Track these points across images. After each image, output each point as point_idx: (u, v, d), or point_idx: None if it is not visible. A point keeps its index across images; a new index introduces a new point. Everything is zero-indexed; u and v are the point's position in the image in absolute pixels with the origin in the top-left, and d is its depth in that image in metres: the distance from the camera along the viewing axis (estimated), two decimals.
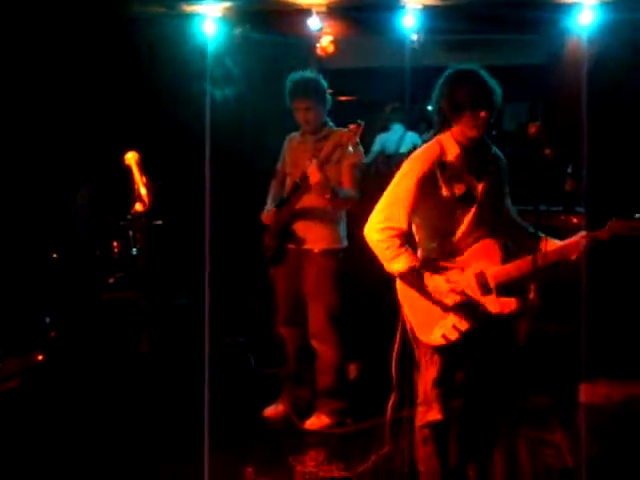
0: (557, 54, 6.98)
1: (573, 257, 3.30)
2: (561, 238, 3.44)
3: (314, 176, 4.27)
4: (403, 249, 3.28)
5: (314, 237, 4.52)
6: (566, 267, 3.39)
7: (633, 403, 4.69)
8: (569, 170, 5.94)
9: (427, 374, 3.41)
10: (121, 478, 3.98)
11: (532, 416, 4.55)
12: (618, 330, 5.27)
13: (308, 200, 4.46)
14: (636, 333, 5.23)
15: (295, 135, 4.72)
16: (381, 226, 3.29)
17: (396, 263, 3.28)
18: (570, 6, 6.08)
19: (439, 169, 3.31)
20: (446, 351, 3.33)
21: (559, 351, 4.96)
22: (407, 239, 3.33)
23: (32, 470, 3.93)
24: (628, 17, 5.87)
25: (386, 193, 3.35)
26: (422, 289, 3.30)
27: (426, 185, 3.29)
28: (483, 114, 3.27)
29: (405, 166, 3.36)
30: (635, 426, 4.45)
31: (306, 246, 4.53)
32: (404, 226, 3.30)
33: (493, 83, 3.31)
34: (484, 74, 3.32)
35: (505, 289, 3.31)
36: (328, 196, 4.29)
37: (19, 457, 4.00)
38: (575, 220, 5.41)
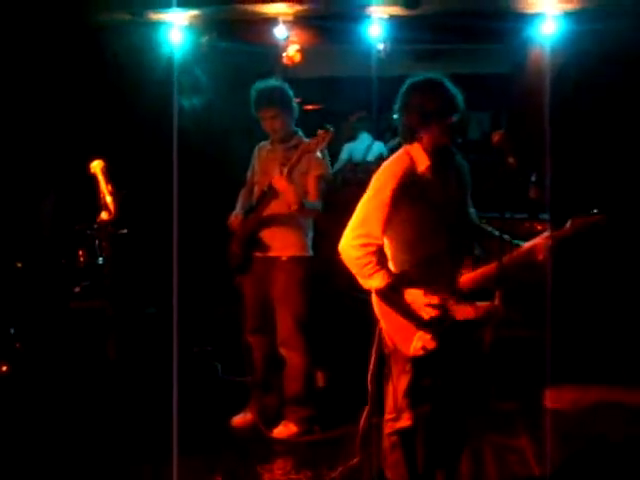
0: (520, 63, 7.06)
1: (539, 258, 3.32)
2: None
3: (280, 185, 4.28)
4: (380, 265, 3.27)
5: (281, 244, 4.52)
6: (531, 271, 3.43)
7: (599, 408, 4.74)
8: (533, 178, 6.02)
9: (399, 383, 3.41)
10: None
11: (498, 421, 4.61)
12: (584, 335, 5.33)
13: (275, 208, 4.47)
14: (601, 337, 5.30)
15: (265, 144, 4.73)
16: (358, 242, 3.27)
17: (374, 280, 3.27)
18: (533, 16, 6.16)
19: (411, 181, 3.30)
20: (421, 361, 3.35)
21: (525, 356, 5.01)
22: (382, 254, 3.34)
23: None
24: (590, 27, 5.96)
25: (359, 208, 3.32)
26: (398, 303, 3.31)
27: (400, 198, 3.27)
28: (451, 120, 3.31)
29: (376, 181, 3.34)
30: (600, 431, 4.50)
31: (274, 254, 4.54)
32: (380, 241, 3.30)
33: (455, 89, 3.34)
34: (445, 81, 3.34)
35: (469, 295, 3.33)
36: (295, 207, 4.30)
37: None
38: (539, 227, 5.47)
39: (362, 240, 3.27)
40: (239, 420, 4.76)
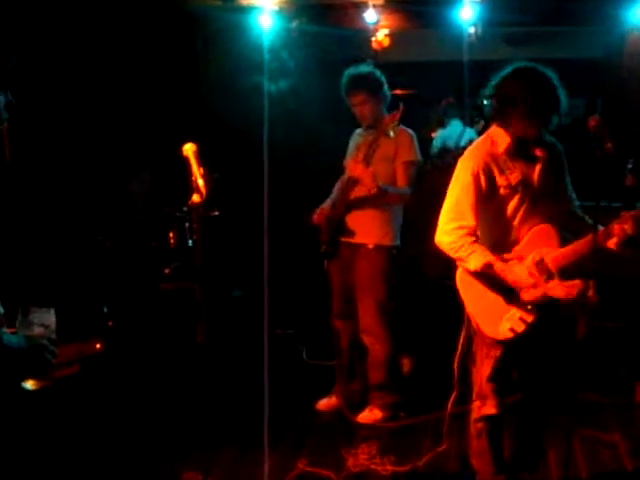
0: (617, 47, 6.84)
1: (631, 232, 3.20)
2: None
3: (354, 170, 4.30)
4: (476, 245, 3.26)
5: (367, 231, 4.50)
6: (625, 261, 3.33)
7: None
8: (629, 165, 5.83)
9: (482, 368, 3.40)
10: (176, 462, 4.03)
11: (589, 415, 4.50)
12: None
13: (360, 193, 4.45)
14: None
15: (359, 130, 4.71)
16: (450, 227, 3.29)
17: (472, 260, 3.26)
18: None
19: (492, 162, 3.29)
20: (507, 345, 3.31)
21: (617, 349, 4.88)
22: (476, 235, 3.31)
23: (89, 454, 4.00)
24: None
25: (448, 195, 3.35)
26: (498, 284, 3.27)
27: (482, 179, 3.28)
28: (549, 115, 3.25)
29: (459, 165, 3.36)
30: None
31: (359, 240, 4.52)
32: (472, 223, 3.29)
33: (558, 82, 3.28)
34: (549, 72, 3.27)
35: (567, 274, 3.27)
36: (374, 191, 4.28)
37: (75, 442, 4.07)
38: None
39: (454, 224, 3.28)
40: (324, 404, 4.79)
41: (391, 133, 4.28)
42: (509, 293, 3.28)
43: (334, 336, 4.73)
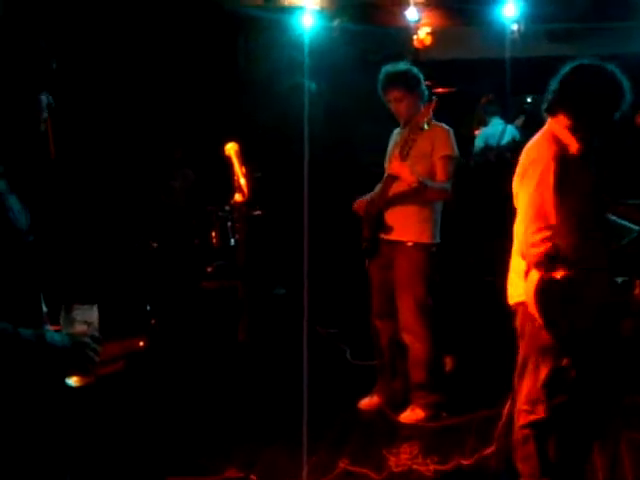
0: None
1: None
2: None
3: (393, 168, 4.32)
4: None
5: (406, 229, 4.49)
6: None
7: None
8: None
9: (538, 373, 3.32)
10: (218, 459, 4.04)
11: (637, 418, 4.43)
12: None
13: (399, 189, 4.45)
14: None
15: (397, 130, 4.71)
16: (538, 238, 3.12)
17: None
18: None
19: (567, 163, 3.17)
20: (571, 348, 3.26)
21: None
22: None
23: (133, 451, 4.04)
24: None
25: (527, 204, 3.19)
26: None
27: (562, 181, 3.13)
28: (612, 117, 3.20)
29: (534, 168, 3.20)
30: None
31: (398, 237, 4.51)
32: (556, 230, 3.17)
33: (624, 80, 3.18)
34: (616, 71, 3.18)
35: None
36: (414, 185, 4.26)
37: (118, 438, 4.11)
38: None
39: (542, 234, 3.12)
40: (366, 403, 4.77)
41: (425, 126, 4.27)
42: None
43: (374, 335, 4.72)
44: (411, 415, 4.56)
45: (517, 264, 3.34)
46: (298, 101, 5.06)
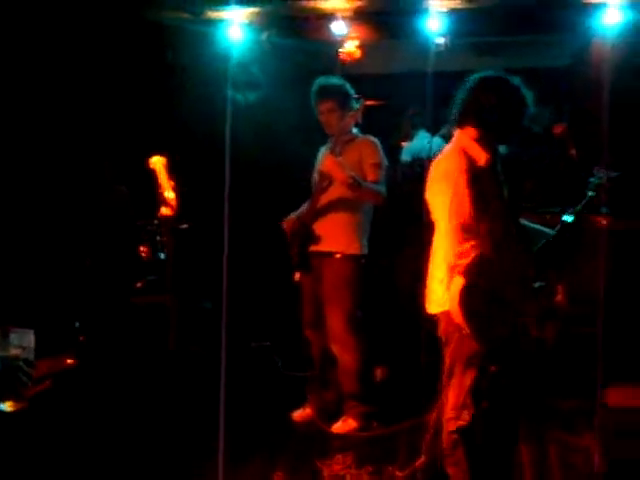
0: (582, 55, 6.92)
1: None
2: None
3: (328, 164, 4.36)
4: None
5: (335, 240, 4.53)
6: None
7: None
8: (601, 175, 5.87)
9: (464, 380, 3.38)
10: (149, 478, 4.01)
11: (561, 419, 4.54)
12: None
13: (331, 196, 4.51)
14: None
15: (326, 145, 4.74)
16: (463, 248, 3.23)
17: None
18: (595, 6, 6.01)
19: (475, 175, 3.26)
20: (491, 353, 3.33)
21: (588, 354, 4.92)
22: None
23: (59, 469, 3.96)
24: None
25: (446, 218, 3.26)
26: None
27: (472, 192, 3.22)
28: (517, 121, 3.29)
29: (446, 182, 3.28)
30: None
31: (327, 248, 4.55)
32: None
33: (525, 90, 3.33)
34: (516, 80, 3.33)
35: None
36: (349, 181, 4.30)
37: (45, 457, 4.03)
38: (604, 222, 5.35)
39: (468, 244, 3.21)
40: (299, 415, 4.79)
41: (354, 130, 4.33)
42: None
43: (306, 346, 4.74)
44: (343, 426, 4.59)
45: (437, 271, 3.40)
46: (226, 115, 5.05)
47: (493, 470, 3.59)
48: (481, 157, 3.32)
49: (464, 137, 3.38)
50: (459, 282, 3.21)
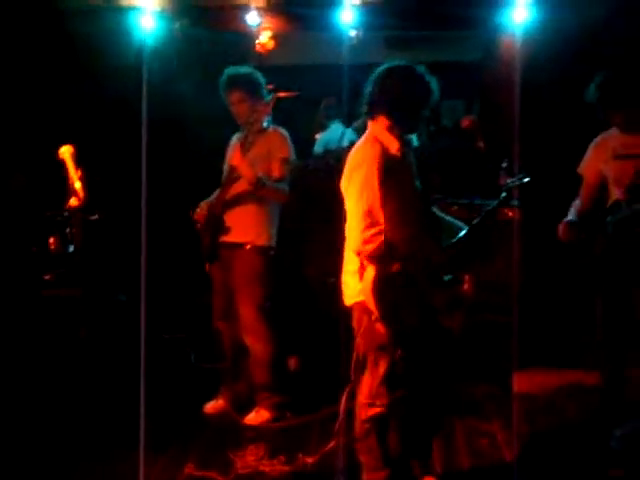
0: (492, 51, 7.08)
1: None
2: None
3: (233, 160, 4.36)
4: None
5: (244, 231, 4.53)
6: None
7: (564, 391, 4.85)
8: (504, 165, 6.03)
9: (377, 369, 3.43)
10: (59, 474, 3.94)
11: (469, 406, 4.66)
12: (552, 319, 5.40)
13: (239, 189, 4.49)
14: (568, 322, 5.36)
15: (237, 133, 4.73)
16: (369, 234, 3.28)
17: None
18: (504, 3, 6.16)
19: (388, 163, 3.32)
20: (402, 342, 3.38)
21: (495, 341, 5.07)
22: None
23: None
24: (561, 16, 5.98)
25: (357, 204, 3.30)
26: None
27: (384, 181, 3.29)
28: (423, 109, 3.38)
29: (358, 170, 3.33)
30: (565, 412, 4.58)
31: (237, 239, 4.54)
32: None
33: (431, 78, 3.40)
34: (423, 69, 3.40)
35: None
36: (253, 180, 4.32)
37: None
38: (510, 213, 5.52)
39: (373, 231, 3.27)
40: (211, 407, 4.76)
41: (265, 124, 4.34)
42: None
43: (217, 338, 4.73)
44: (256, 417, 4.59)
45: (350, 264, 3.45)
46: (138, 104, 4.98)
47: (407, 454, 3.66)
48: (393, 146, 3.38)
49: (376, 127, 3.43)
50: (372, 271, 3.27)
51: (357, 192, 3.32)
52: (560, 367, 5.12)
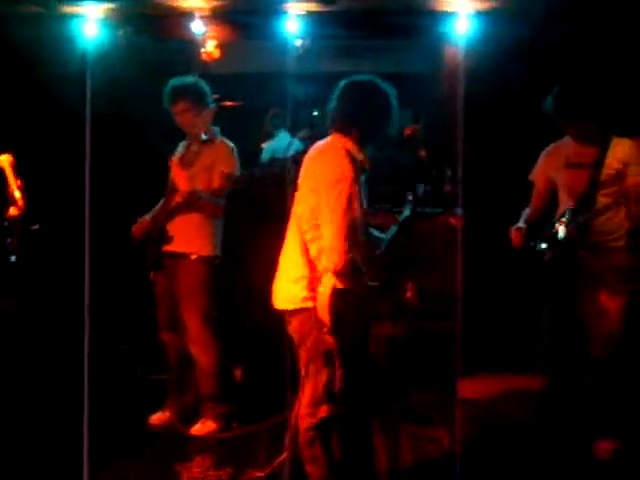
0: (436, 62, 7.16)
1: None
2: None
3: (175, 172, 4.34)
4: None
5: (188, 241, 4.51)
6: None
7: (509, 396, 4.93)
8: (448, 174, 6.14)
9: (320, 377, 3.43)
10: None
11: (415, 412, 4.70)
12: (495, 326, 5.46)
13: (180, 201, 4.46)
14: (510, 328, 5.44)
15: (183, 142, 4.70)
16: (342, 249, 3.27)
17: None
18: (448, 14, 6.23)
19: (358, 170, 3.36)
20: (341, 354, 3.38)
21: (440, 348, 5.12)
22: None
23: None
24: (502, 28, 6.07)
25: (334, 219, 3.27)
26: None
27: (353, 196, 3.31)
28: (387, 123, 3.41)
29: (331, 181, 3.31)
30: (509, 416, 4.67)
31: (180, 249, 4.52)
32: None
33: (393, 92, 3.44)
34: (385, 85, 3.44)
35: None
36: (187, 194, 4.33)
37: None
38: (454, 221, 5.60)
39: (346, 245, 3.25)
40: (157, 419, 4.71)
41: (203, 136, 4.30)
42: None
43: (163, 349, 4.68)
44: (202, 427, 4.56)
45: (291, 271, 3.45)
46: (81, 113, 4.92)
47: (351, 467, 3.66)
48: (359, 157, 3.39)
49: (343, 140, 3.42)
50: (330, 282, 3.27)
51: (329, 205, 3.29)
52: (505, 373, 5.19)
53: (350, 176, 3.30)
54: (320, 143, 3.52)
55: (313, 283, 3.35)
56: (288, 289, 3.47)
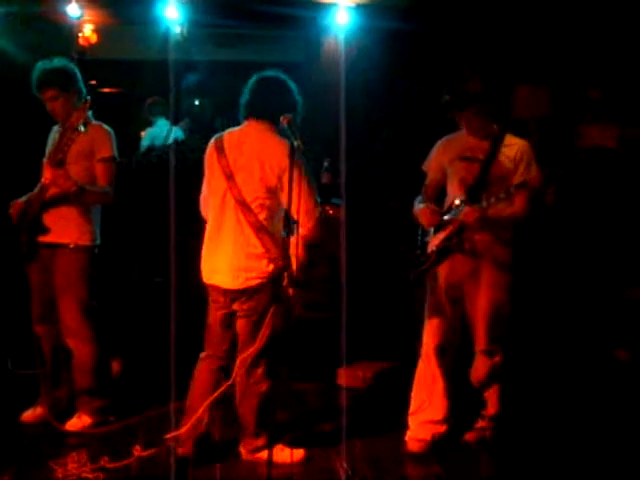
0: (315, 52, 7.22)
1: None
2: None
3: (48, 173, 4.20)
4: None
5: (65, 231, 4.38)
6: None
7: (383, 382, 5.09)
8: (326, 164, 6.22)
9: (261, 341, 3.84)
10: None
11: (296, 400, 4.77)
12: (373, 315, 5.57)
13: (57, 192, 4.31)
14: (390, 317, 5.57)
15: (56, 127, 4.53)
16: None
17: None
18: (326, 6, 6.30)
19: None
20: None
21: (320, 338, 5.20)
22: None
23: None
24: (381, 22, 6.18)
25: (305, 187, 3.71)
26: None
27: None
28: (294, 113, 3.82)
29: (284, 156, 3.67)
30: (383, 403, 4.82)
31: (57, 240, 4.39)
32: None
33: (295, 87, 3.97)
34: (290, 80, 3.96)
35: None
36: (73, 190, 4.19)
37: None
38: (331, 211, 5.69)
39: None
40: (29, 415, 4.56)
41: (81, 128, 4.17)
42: None
43: (36, 342, 4.54)
44: (77, 422, 4.45)
45: (247, 249, 3.80)
46: None
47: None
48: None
49: (262, 125, 3.86)
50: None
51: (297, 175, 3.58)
52: (382, 360, 5.32)
53: (283, 157, 3.69)
54: (237, 129, 3.93)
55: (275, 259, 3.75)
56: (252, 266, 3.80)
